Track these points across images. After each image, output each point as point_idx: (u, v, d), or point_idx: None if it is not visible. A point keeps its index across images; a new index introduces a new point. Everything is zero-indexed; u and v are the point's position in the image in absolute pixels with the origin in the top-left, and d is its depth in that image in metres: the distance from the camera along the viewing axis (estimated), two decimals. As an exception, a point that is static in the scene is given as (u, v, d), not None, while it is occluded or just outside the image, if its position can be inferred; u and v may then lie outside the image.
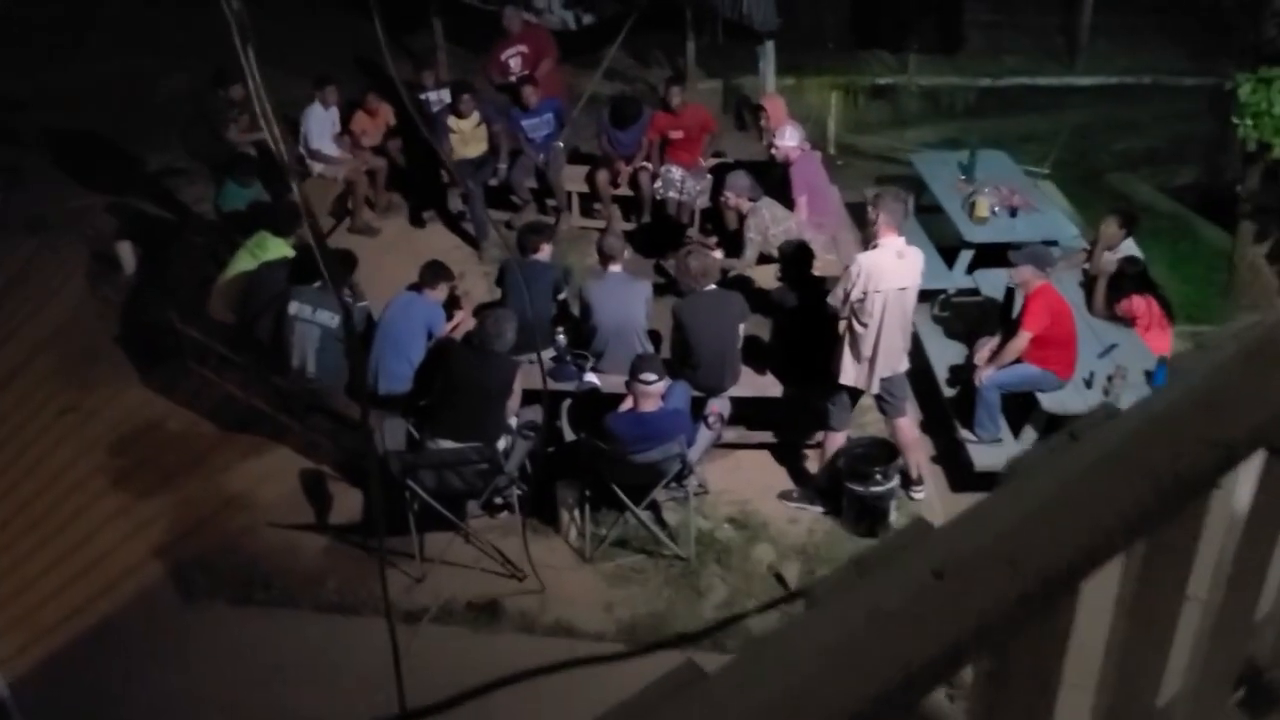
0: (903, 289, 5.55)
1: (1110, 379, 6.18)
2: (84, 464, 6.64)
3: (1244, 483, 1.33)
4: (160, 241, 8.76)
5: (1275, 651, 1.55)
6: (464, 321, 6.63)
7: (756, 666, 0.83)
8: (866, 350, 5.65)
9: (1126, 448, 0.99)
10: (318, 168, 8.63)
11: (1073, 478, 0.95)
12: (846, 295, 5.56)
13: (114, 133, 10.24)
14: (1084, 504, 0.93)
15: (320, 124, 8.59)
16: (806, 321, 6.18)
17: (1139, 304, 6.72)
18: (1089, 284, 7.05)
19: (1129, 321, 6.74)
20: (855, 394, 5.91)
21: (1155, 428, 1.02)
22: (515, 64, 8.90)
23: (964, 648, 0.83)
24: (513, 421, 5.95)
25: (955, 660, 0.83)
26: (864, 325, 5.57)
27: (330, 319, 6.29)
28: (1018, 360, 6.15)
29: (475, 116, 8.46)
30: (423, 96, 8.90)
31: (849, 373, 5.76)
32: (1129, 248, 7.03)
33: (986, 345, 6.45)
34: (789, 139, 7.55)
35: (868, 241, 5.72)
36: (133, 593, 5.74)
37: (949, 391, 6.72)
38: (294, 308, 6.34)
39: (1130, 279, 6.77)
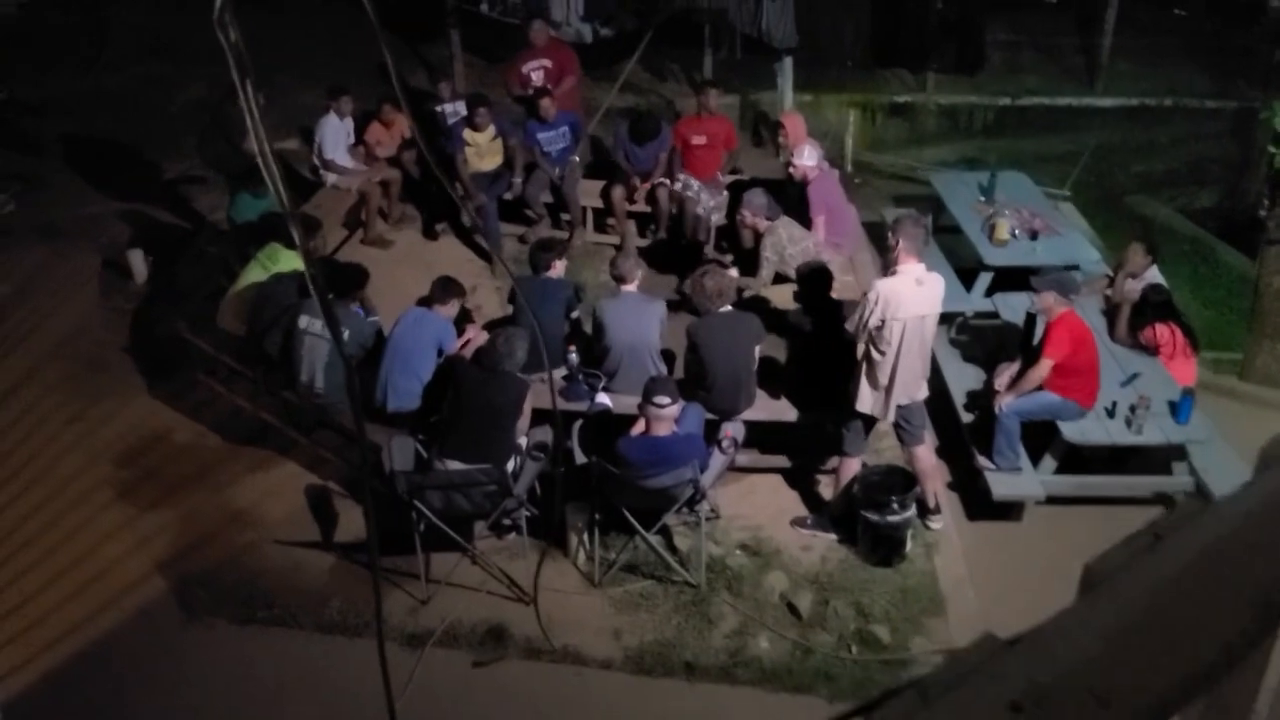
0: (922, 316, 5.43)
1: (1133, 409, 6.06)
2: (89, 475, 6.56)
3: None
4: (172, 250, 8.71)
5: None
6: (475, 338, 6.53)
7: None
8: (883, 378, 5.53)
9: (1220, 555, 0.88)
10: (331, 178, 8.56)
11: (1162, 591, 0.85)
12: (864, 322, 5.44)
13: (130, 140, 10.23)
14: (1178, 624, 0.82)
15: (335, 134, 8.52)
16: (823, 345, 6.07)
17: (1163, 333, 6.60)
18: (1111, 311, 6.94)
19: (1152, 350, 6.63)
20: (870, 420, 5.79)
21: (1251, 532, 0.91)
22: (537, 77, 8.80)
23: (1047, 800, 0.73)
24: (522, 442, 5.85)
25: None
26: (881, 353, 5.45)
27: (341, 334, 6.20)
28: (1039, 388, 6.03)
29: (491, 130, 8.38)
30: (439, 108, 8.83)
31: (865, 400, 5.64)
32: (1153, 275, 6.91)
33: (1006, 371, 6.34)
34: (808, 158, 7.46)
35: (887, 267, 5.60)
36: (134, 609, 5.64)
37: (967, 417, 6.60)
38: (303, 321, 6.26)
39: (1154, 307, 6.65)
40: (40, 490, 6.40)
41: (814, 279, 6.44)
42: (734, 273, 7.48)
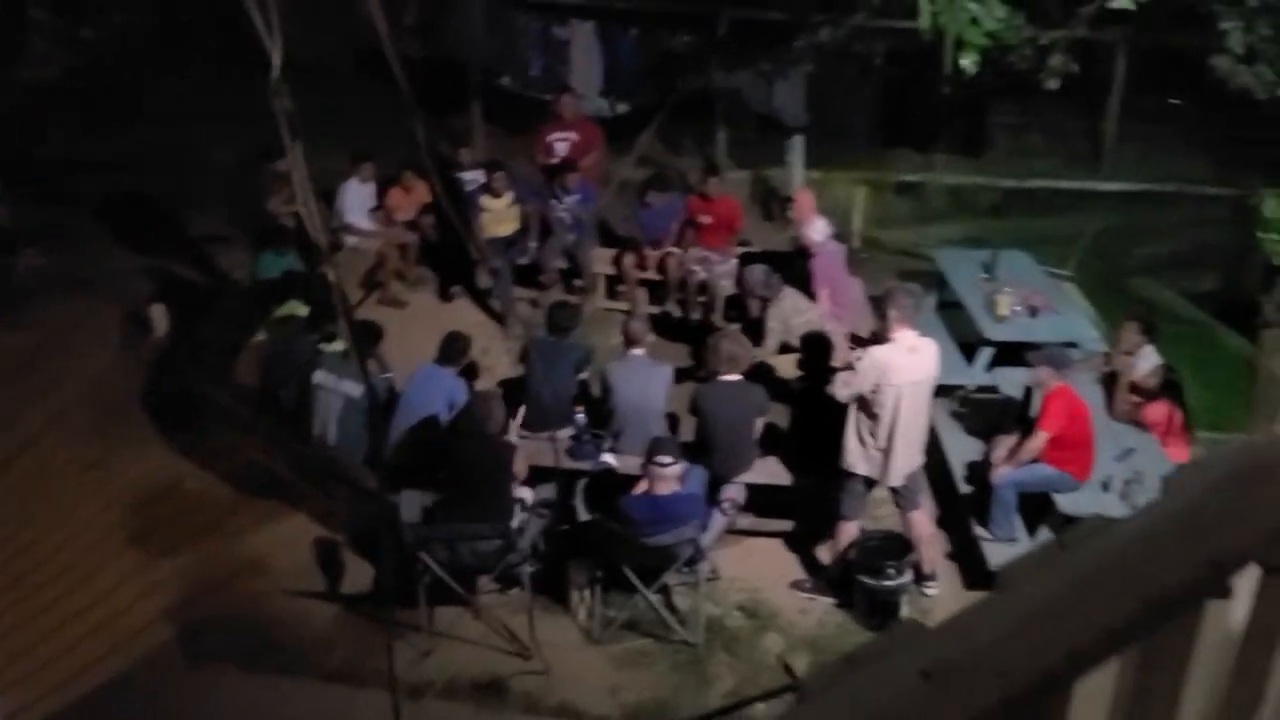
0: (916, 382, 5.61)
1: (1127, 483, 6.17)
2: (103, 521, 6.70)
3: (1240, 599, 1.37)
4: (194, 305, 8.94)
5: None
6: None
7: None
8: (881, 441, 5.69)
9: (1116, 562, 1.03)
10: (351, 240, 8.83)
11: (1061, 589, 1.00)
12: (854, 385, 5.62)
13: (158, 198, 10.53)
14: (1071, 616, 0.97)
15: (356, 198, 8.81)
16: (824, 412, 6.22)
17: (1160, 411, 6.73)
18: (1108, 387, 7.08)
19: (1148, 427, 6.75)
20: (869, 484, 5.92)
21: (1145, 543, 1.06)
22: (562, 148, 9.07)
23: (947, 748, 0.88)
24: (527, 496, 5.98)
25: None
26: (874, 418, 5.62)
27: (354, 389, 6.38)
28: (1035, 460, 6.15)
29: (508, 196, 8.66)
30: (458, 175, 9.12)
31: (859, 461, 5.78)
32: (1149, 354, 7.06)
33: (1004, 443, 6.46)
34: (817, 232, 7.68)
35: (880, 336, 5.79)
36: (142, 653, 5.75)
37: (965, 488, 6.71)
38: (319, 376, 6.44)
39: (1164, 386, 6.77)
40: (56, 536, 6.54)
41: (816, 348, 6.63)
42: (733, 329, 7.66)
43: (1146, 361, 6.98)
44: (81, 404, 7.86)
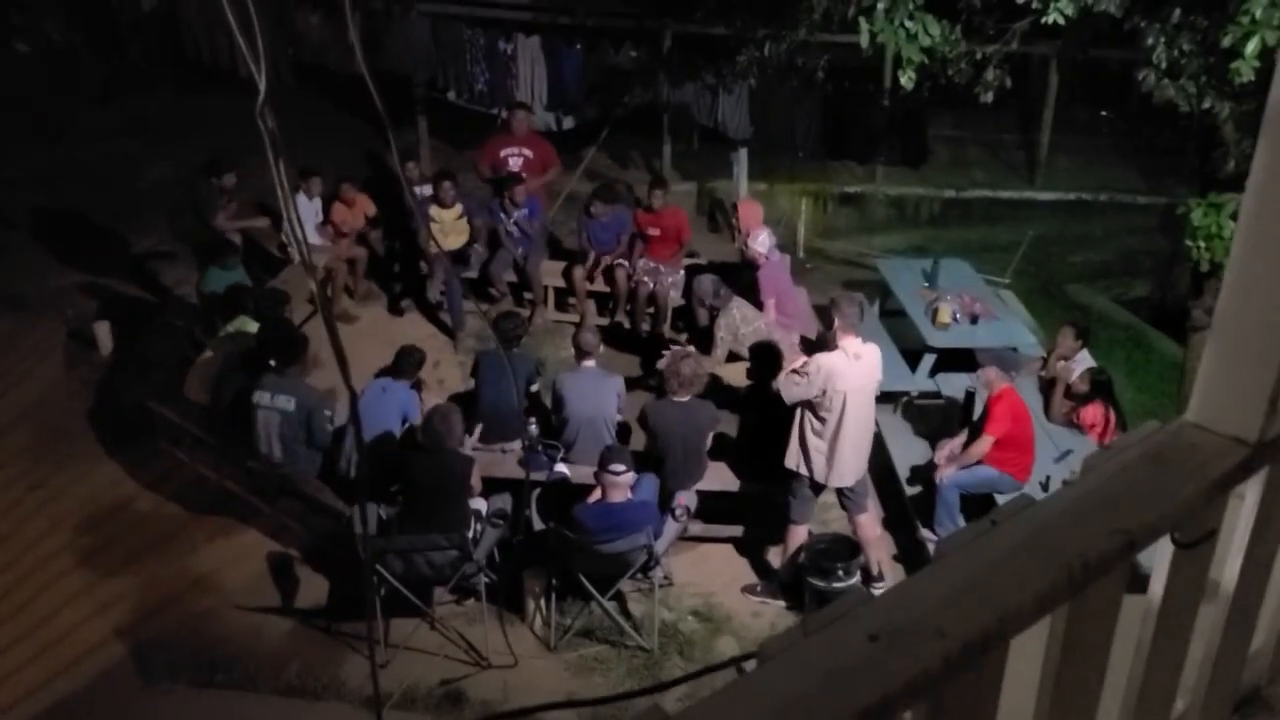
0: (862, 387, 5.78)
1: (1065, 484, 6.35)
2: (49, 542, 6.61)
3: (1157, 573, 1.49)
4: (139, 322, 8.85)
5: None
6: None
7: (713, 713, 0.96)
8: (827, 445, 5.84)
9: (1040, 535, 1.14)
10: (299, 256, 8.80)
11: (993, 560, 1.10)
12: (800, 389, 5.77)
13: (98, 215, 10.40)
14: (1002, 583, 1.08)
15: (304, 213, 8.79)
16: (771, 419, 6.35)
17: (1096, 413, 6.95)
18: (1046, 390, 7.30)
19: (1084, 429, 6.97)
20: (817, 488, 6.06)
21: (1066, 518, 1.18)
22: (515, 163, 9.10)
23: (894, 701, 0.97)
24: (481, 507, 6.03)
25: (887, 711, 0.97)
26: (821, 421, 5.78)
27: (287, 403, 6.36)
28: (978, 462, 6.34)
29: (457, 208, 8.70)
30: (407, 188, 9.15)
31: (802, 463, 5.93)
32: (1084, 358, 7.30)
33: (947, 446, 6.65)
34: (761, 243, 7.82)
35: (827, 344, 5.96)
36: (92, 673, 5.69)
37: (910, 491, 6.89)
38: (256, 395, 6.41)
39: (1094, 388, 7.01)
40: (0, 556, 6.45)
41: (765, 357, 6.77)
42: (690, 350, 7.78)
43: (1082, 366, 7.21)
44: (24, 424, 7.74)
